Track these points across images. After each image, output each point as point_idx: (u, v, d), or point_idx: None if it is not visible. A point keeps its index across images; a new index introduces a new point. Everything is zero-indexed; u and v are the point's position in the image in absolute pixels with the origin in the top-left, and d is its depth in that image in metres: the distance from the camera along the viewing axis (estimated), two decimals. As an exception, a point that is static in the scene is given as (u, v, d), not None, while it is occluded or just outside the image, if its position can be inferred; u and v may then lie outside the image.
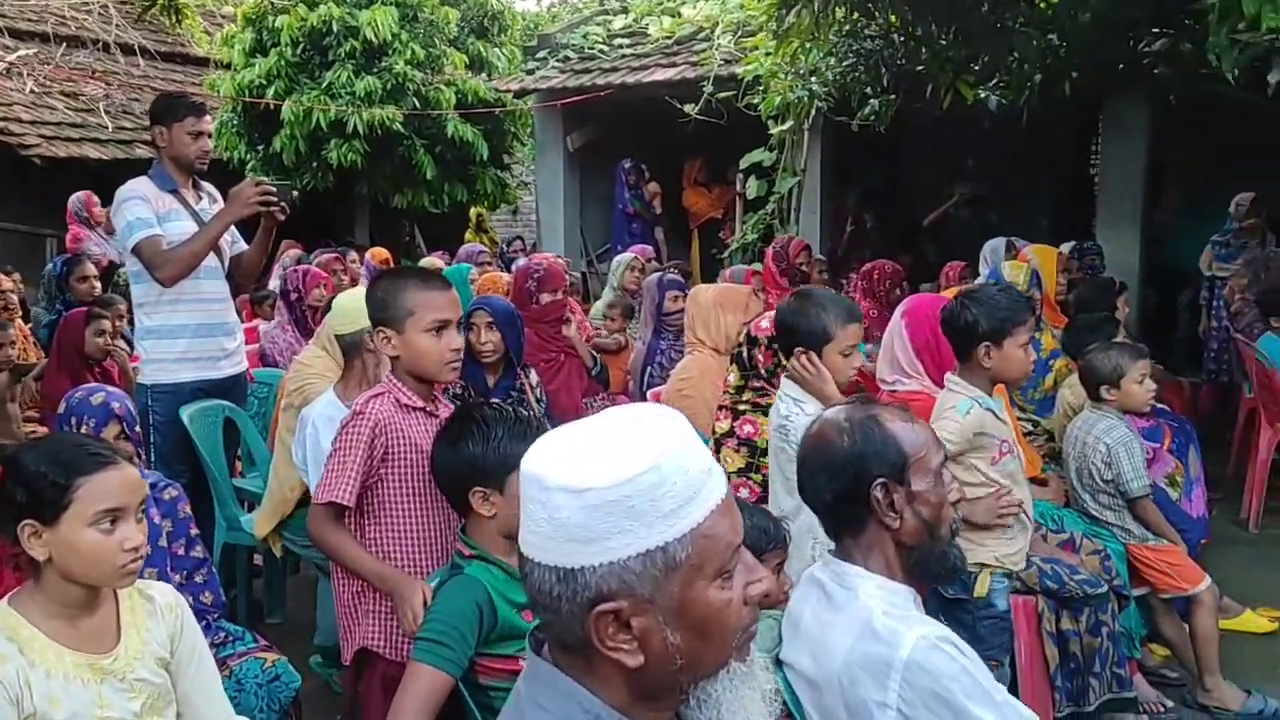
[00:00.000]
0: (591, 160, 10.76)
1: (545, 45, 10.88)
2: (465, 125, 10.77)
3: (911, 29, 6.18)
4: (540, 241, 10.91)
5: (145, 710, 1.99)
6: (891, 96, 7.11)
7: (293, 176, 10.29)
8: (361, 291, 3.78)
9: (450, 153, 10.97)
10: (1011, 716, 1.64)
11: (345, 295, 3.89)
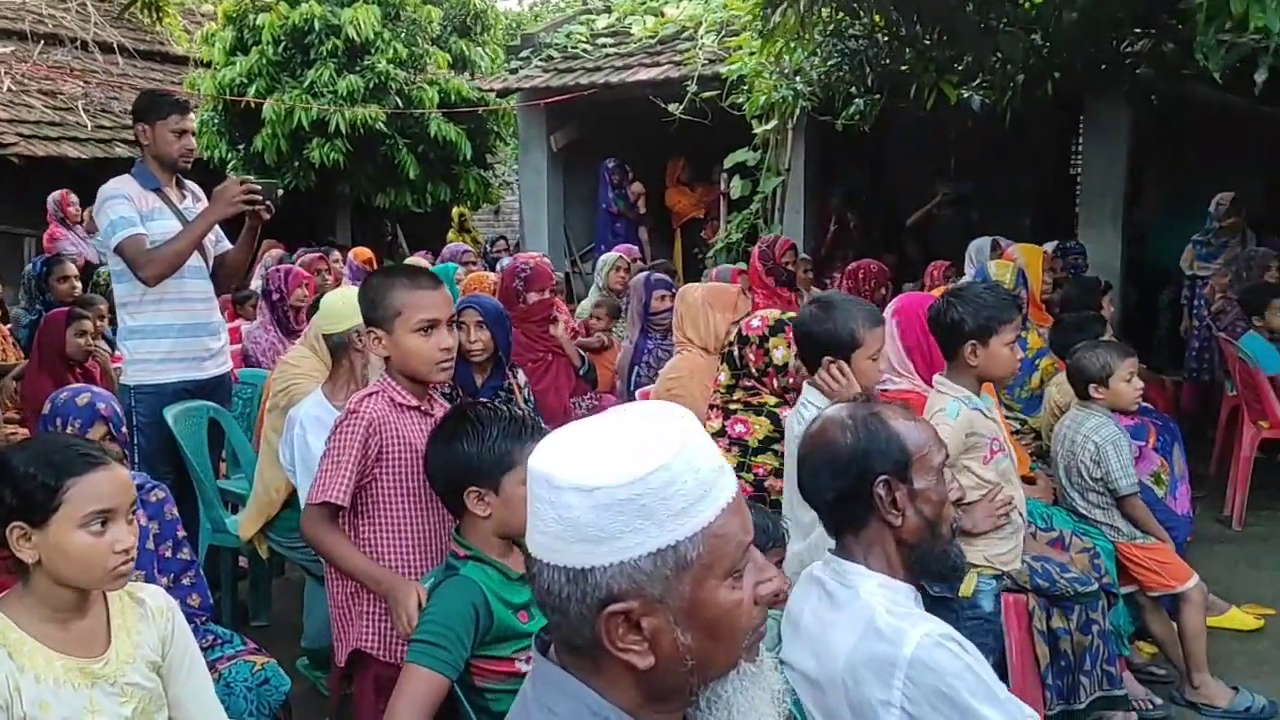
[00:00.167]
0: (575, 159, 10.74)
1: (528, 44, 10.86)
2: (448, 125, 10.73)
3: (896, 29, 6.19)
4: (523, 241, 10.88)
5: (137, 715, 1.96)
6: (876, 96, 7.13)
7: (275, 176, 10.22)
8: (349, 291, 3.76)
9: (433, 152, 10.93)
10: (1015, 714, 1.64)
11: (333, 295, 3.86)
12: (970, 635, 2.86)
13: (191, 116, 4.17)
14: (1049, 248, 6.24)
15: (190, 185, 4.25)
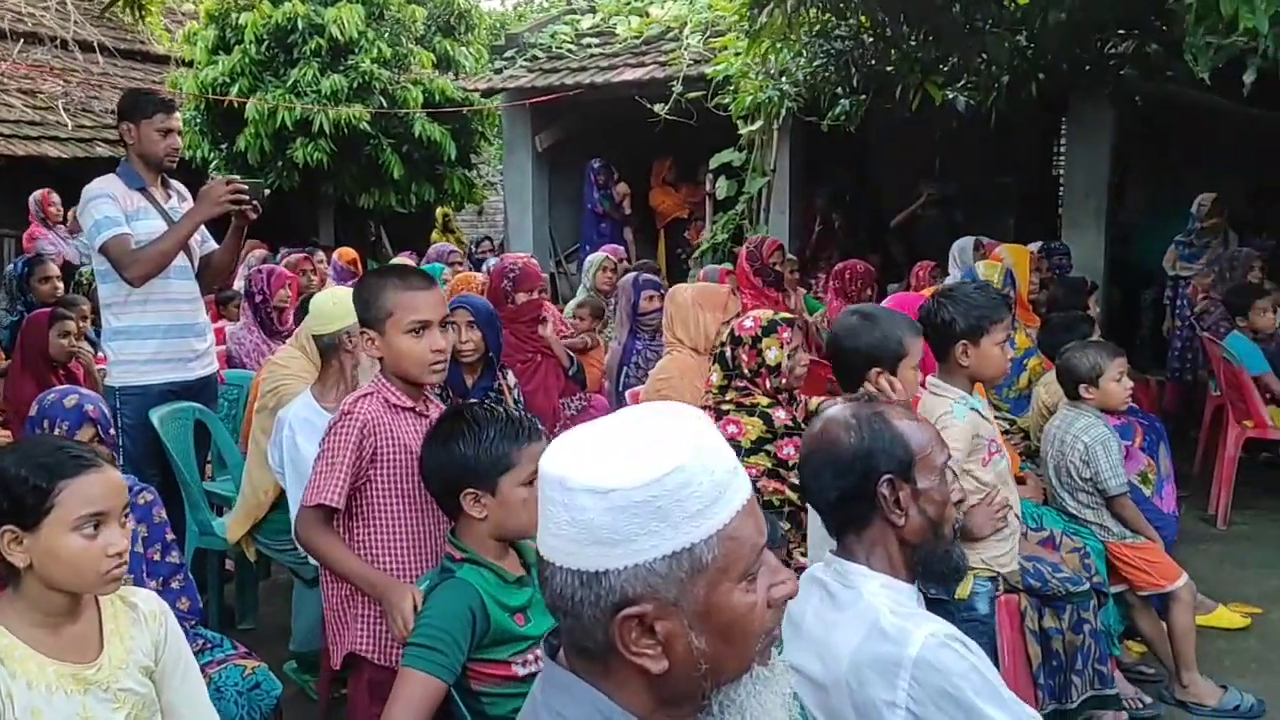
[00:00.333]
0: (560, 160, 10.72)
1: (513, 44, 10.83)
2: (433, 125, 10.70)
3: (882, 30, 6.20)
4: (508, 242, 10.85)
5: (129, 721, 1.94)
6: (861, 97, 7.14)
7: (258, 175, 10.16)
8: (340, 292, 3.74)
9: (417, 152, 10.89)
10: (1020, 715, 1.63)
11: (323, 296, 3.83)
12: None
13: (177, 115, 4.13)
14: (1033, 248, 6.26)
15: (176, 185, 4.22)
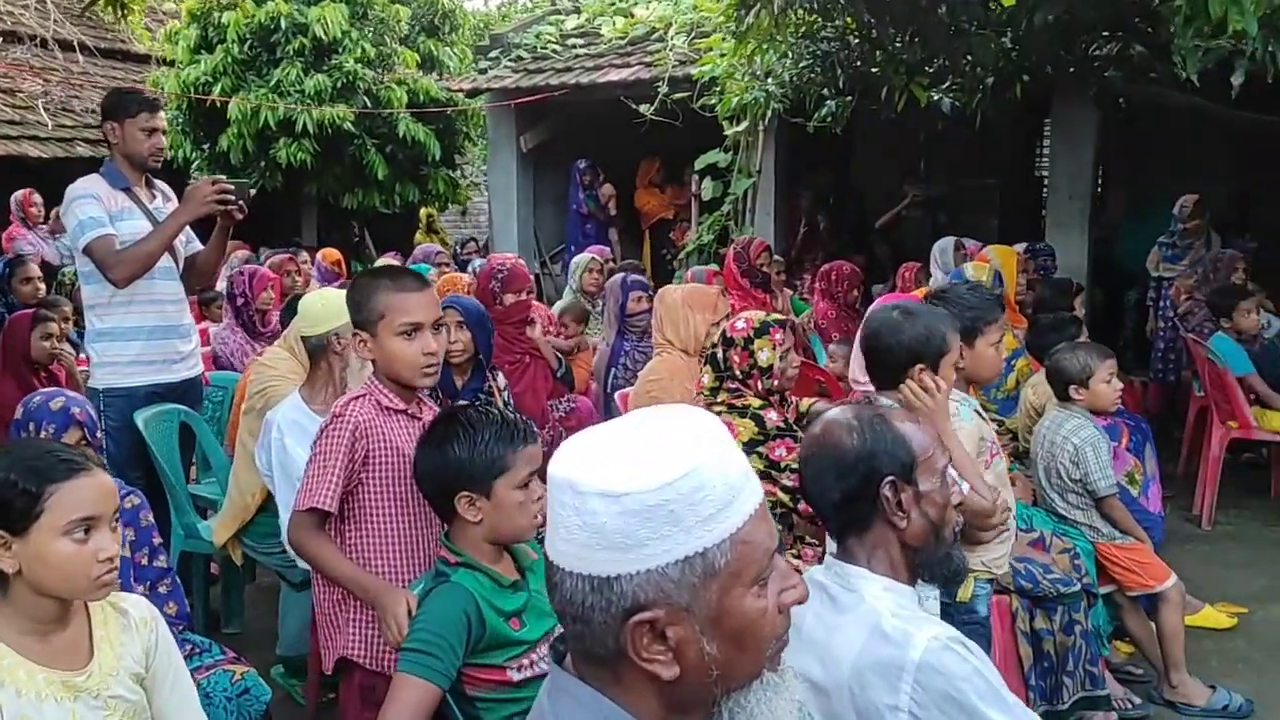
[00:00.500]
0: (545, 160, 10.69)
1: (497, 45, 10.79)
2: (417, 125, 10.64)
3: (868, 31, 6.21)
4: (493, 242, 10.81)
5: (120, 728, 1.91)
6: (847, 98, 7.16)
7: (242, 176, 10.08)
8: (330, 293, 3.72)
9: (402, 152, 10.83)
10: (1022, 718, 1.63)
11: (312, 297, 3.80)
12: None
13: (161, 115, 4.09)
14: (1020, 249, 6.28)
15: (160, 185, 4.18)
